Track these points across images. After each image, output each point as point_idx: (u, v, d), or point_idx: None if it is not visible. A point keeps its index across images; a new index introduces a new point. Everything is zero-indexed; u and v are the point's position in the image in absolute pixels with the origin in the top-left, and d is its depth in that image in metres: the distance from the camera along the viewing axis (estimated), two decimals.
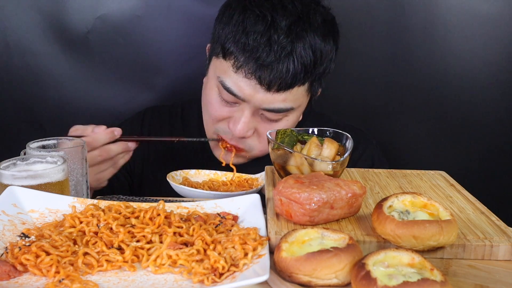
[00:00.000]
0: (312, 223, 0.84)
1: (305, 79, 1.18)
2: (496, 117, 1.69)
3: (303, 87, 1.20)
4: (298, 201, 0.82)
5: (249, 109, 1.20)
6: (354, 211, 0.88)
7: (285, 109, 1.19)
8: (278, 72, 1.13)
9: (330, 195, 0.83)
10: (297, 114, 1.26)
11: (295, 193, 0.83)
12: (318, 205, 0.82)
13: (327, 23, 1.21)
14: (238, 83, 1.17)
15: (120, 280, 0.73)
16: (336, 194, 0.84)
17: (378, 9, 1.63)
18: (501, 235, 0.83)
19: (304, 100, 1.25)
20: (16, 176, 0.91)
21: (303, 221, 0.83)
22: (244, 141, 1.25)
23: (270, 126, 1.23)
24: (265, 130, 1.22)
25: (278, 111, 1.19)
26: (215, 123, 1.27)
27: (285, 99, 1.18)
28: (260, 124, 1.23)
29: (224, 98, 1.22)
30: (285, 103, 1.18)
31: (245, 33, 1.14)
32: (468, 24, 1.62)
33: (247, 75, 1.15)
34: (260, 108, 1.19)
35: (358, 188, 0.87)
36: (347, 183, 0.87)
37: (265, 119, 1.22)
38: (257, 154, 1.29)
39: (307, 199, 0.82)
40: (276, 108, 1.18)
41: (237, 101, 1.20)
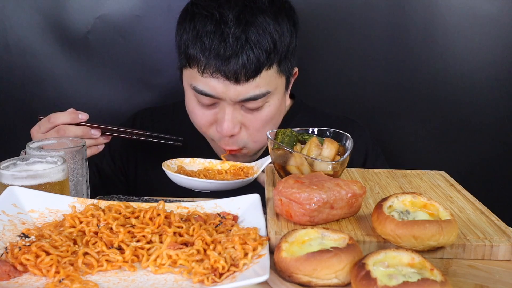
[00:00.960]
0: (312, 223, 0.84)
1: (269, 62, 1.19)
2: (496, 117, 1.69)
3: (272, 70, 1.21)
4: (298, 201, 0.82)
5: (228, 105, 1.21)
6: (354, 211, 0.88)
7: (261, 95, 1.20)
8: (240, 63, 1.15)
9: (330, 195, 0.84)
10: (278, 97, 1.26)
11: (295, 193, 0.83)
12: (318, 205, 0.82)
13: (275, 2, 1.22)
14: (208, 84, 1.19)
15: (120, 280, 0.73)
16: (336, 194, 0.84)
17: (378, 9, 1.63)
18: (501, 235, 0.83)
19: (279, 82, 1.25)
20: (16, 176, 0.91)
21: (303, 221, 0.83)
22: (236, 140, 1.26)
23: (254, 117, 1.24)
24: (251, 122, 1.24)
25: (256, 98, 1.20)
26: (206, 131, 1.29)
27: (258, 85, 1.19)
28: (244, 117, 1.24)
29: (202, 103, 1.24)
30: (259, 89, 1.19)
31: (199, 37, 1.17)
32: (468, 24, 1.62)
33: (213, 74, 1.17)
34: (238, 101, 1.20)
35: (358, 188, 0.87)
36: (347, 183, 0.87)
37: (247, 110, 1.23)
38: (254, 147, 1.30)
39: (307, 199, 0.82)
40: (252, 96, 1.19)
41: (215, 101, 1.22)
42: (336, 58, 1.68)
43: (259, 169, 1.16)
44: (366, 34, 1.65)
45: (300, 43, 1.40)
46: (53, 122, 1.15)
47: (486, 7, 1.60)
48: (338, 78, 1.70)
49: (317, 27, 1.64)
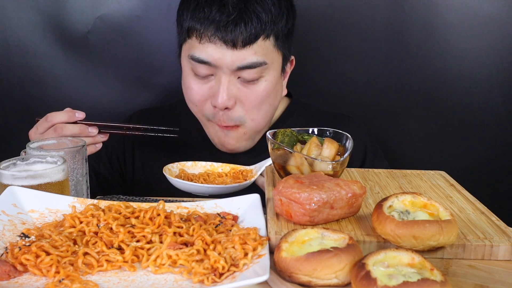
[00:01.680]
0: (312, 223, 0.84)
1: (266, 32, 1.20)
2: (496, 117, 1.69)
3: (268, 42, 1.22)
4: (298, 201, 0.82)
5: (224, 75, 1.21)
6: (354, 211, 0.88)
7: (257, 63, 1.20)
8: (238, 28, 1.17)
9: (330, 195, 0.83)
10: (274, 74, 1.26)
11: (295, 193, 0.83)
12: (318, 205, 0.82)
13: None
14: (206, 50, 1.20)
15: (120, 280, 0.73)
16: (336, 194, 0.84)
17: (378, 9, 1.63)
18: (501, 235, 0.83)
19: (275, 57, 1.25)
20: (16, 176, 0.91)
21: (303, 221, 0.83)
22: (231, 115, 1.25)
23: (250, 91, 1.23)
24: (247, 97, 1.23)
25: (252, 66, 1.20)
26: (201, 109, 1.28)
27: (255, 52, 1.20)
28: (240, 91, 1.23)
29: (198, 75, 1.24)
30: (256, 56, 1.20)
31: (199, 7, 1.20)
32: (468, 24, 1.62)
33: (210, 39, 1.19)
34: (234, 69, 1.20)
35: (358, 188, 0.87)
36: (347, 183, 0.87)
37: (243, 83, 1.23)
38: (251, 125, 1.28)
39: (307, 199, 0.82)
40: (249, 63, 1.20)
41: (211, 71, 1.22)
42: (336, 58, 1.68)
43: (257, 172, 1.16)
44: (365, 33, 1.65)
45: (300, 42, 1.40)
46: (50, 121, 1.15)
47: (486, 7, 1.60)
48: (337, 78, 1.70)
49: (317, 27, 1.64)
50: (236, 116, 1.25)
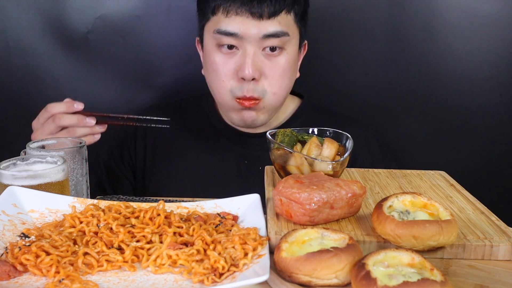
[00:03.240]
0: (312, 223, 0.84)
1: (290, 6, 1.28)
2: (496, 117, 1.69)
3: (290, 17, 1.29)
4: (298, 201, 0.82)
5: (250, 46, 1.26)
6: (354, 211, 0.88)
7: (281, 33, 1.27)
8: (264, 2, 1.24)
9: (330, 195, 0.83)
10: (293, 48, 1.32)
11: (295, 193, 0.83)
12: (318, 205, 0.82)
13: None
14: (233, 23, 1.26)
15: (120, 280, 0.73)
16: (336, 194, 0.84)
17: (378, 9, 1.63)
18: (501, 235, 0.83)
19: (295, 32, 1.32)
20: (16, 176, 0.91)
21: (303, 221, 0.83)
22: (256, 86, 1.29)
23: (273, 64, 1.29)
24: (271, 70, 1.29)
25: (277, 35, 1.26)
26: (227, 84, 1.31)
27: (280, 23, 1.27)
28: (264, 64, 1.28)
29: (224, 48, 1.29)
30: (280, 26, 1.27)
31: None
32: (468, 24, 1.62)
33: (237, 11, 1.25)
34: (260, 38, 1.25)
35: (358, 188, 0.87)
36: (347, 183, 0.87)
37: (267, 56, 1.28)
38: (272, 100, 1.32)
39: (307, 199, 0.82)
40: (274, 31, 1.26)
41: (237, 43, 1.27)
42: (335, 58, 1.68)
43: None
44: (365, 33, 1.65)
45: None
46: (49, 111, 1.18)
47: (486, 7, 1.60)
48: (337, 78, 1.70)
49: (317, 27, 1.64)
50: (261, 88, 1.30)
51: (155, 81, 1.68)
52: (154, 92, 1.68)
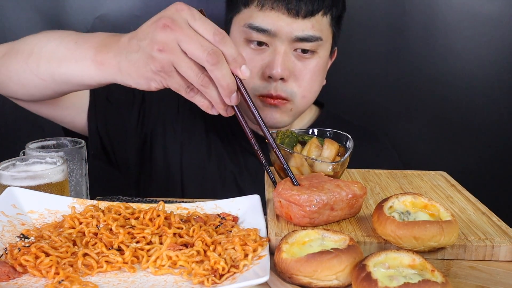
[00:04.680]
0: (313, 225, 0.84)
1: (327, 8, 1.23)
2: (497, 117, 1.69)
3: (326, 19, 1.25)
4: (298, 203, 0.82)
5: (281, 45, 1.21)
6: (355, 211, 0.88)
7: (314, 37, 1.22)
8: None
9: (330, 196, 0.83)
10: (325, 53, 1.28)
11: (295, 195, 0.83)
12: (318, 207, 0.82)
13: None
14: (266, 18, 1.20)
15: (120, 281, 0.73)
16: (337, 195, 0.84)
17: (378, 9, 1.63)
18: (502, 235, 0.83)
19: (329, 37, 1.28)
20: (16, 176, 0.91)
21: (303, 223, 0.83)
22: (284, 87, 1.24)
23: (304, 66, 1.24)
24: (301, 72, 1.24)
25: (309, 40, 1.22)
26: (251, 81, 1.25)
27: (313, 26, 1.22)
28: (295, 65, 1.24)
29: (253, 44, 1.23)
30: (314, 30, 1.22)
31: None
32: (468, 23, 1.62)
33: (273, 5, 1.19)
34: (292, 39, 1.21)
35: (358, 189, 0.87)
36: (348, 184, 0.87)
37: (298, 57, 1.24)
38: (300, 103, 1.27)
39: (307, 201, 0.82)
40: (306, 35, 1.21)
41: (268, 40, 1.22)
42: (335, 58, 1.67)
43: None
44: (365, 34, 1.65)
45: None
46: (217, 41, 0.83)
47: (486, 7, 1.60)
48: (337, 78, 1.69)
49: None
50: (289, 89, 1.25)
51: None
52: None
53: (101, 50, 0.92)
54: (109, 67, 0.90)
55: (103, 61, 0.91)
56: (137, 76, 0.87)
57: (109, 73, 0.91)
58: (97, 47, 0.93)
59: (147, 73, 0.86)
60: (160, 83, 0.87)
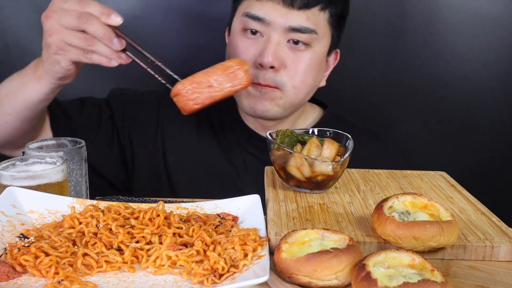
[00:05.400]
0: (202, 105, 0.99)
1: (325, 2, 1.24)
2: (497, 118, 1.69)
3: (323, 15, 1.25)
4: (180, 93, 0.99)
5: (274, 34, 1.23)
6: (241, 82, 0.99)
7: (308, 29, 1.23)
8: None
9: (203, 76, 0.97)
10: (321, 49, 1.28)
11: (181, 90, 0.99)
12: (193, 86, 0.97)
13: None
14: (262, 8, 1.23)
15: (120, 281, 0.73)
16: (210, 74, 0.97)
17: (378, 10, 1.63)
18: (501, 236, 0.83)
19: (326, 33, 1.28)
20: (15, 176, 0.91)
21: (191, 106, 0.99)
22: (274, 76, 1.24)
23: (296, 57, 1.24)
24: (293, 63, 1.24)
25: (303, 31, 1.22)
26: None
27: (308, 18, 1.23)
28: (287, 56, 1.24)
29: (249, 32, 1.25)
30: (308, 22, 1.23)
31: None
32: (469, 23, 1.62)
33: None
34: (285, 28, 1.22)
35: (234, 63, 0.99)
36: (224, 62, 1.01)
37: (291, 49, 1.24)
38: (291, 93, 1.27)
39: (183, 89, 0.99)
40: (300, 26, 1.22)
41: (263, 29, 1.24)
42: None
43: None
44: (365, 33, 1.65)
45: None
46: (82, 6, 1.00)
47: (486, 7, 1.60)
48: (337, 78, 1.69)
49: None
50: (279, 79, 1.25)
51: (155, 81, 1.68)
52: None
53: (36, 68, 1.11)
54: (43, 75, 1.10)
55: (40, 75, 1.10)
56: (53, 66, 1.06)
57: (46, 80, 1.10)
58: (33, 68, 1.13)
59: (53, 58, 1.04)
60: (65, 60, 1.04)
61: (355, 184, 1.06)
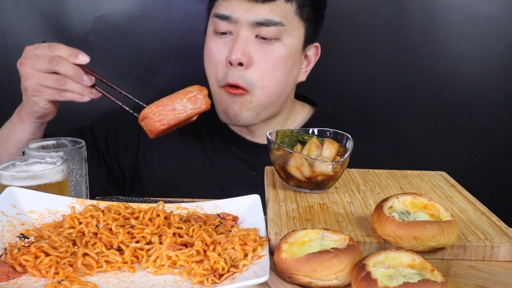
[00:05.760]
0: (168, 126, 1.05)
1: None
2: (497, 117, 1.69)
3: (290, 7, 1.25)
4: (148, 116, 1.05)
5: (242, 30, 1.23)
6: (200, 106, 1.06)
7: (274, 21, 1.22)
8: None
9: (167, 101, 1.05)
10: (292, 41, 1.27)
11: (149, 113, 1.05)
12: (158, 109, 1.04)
13: None
14: (229, 6, 1.24)
15: (120, 281, 0.73)
16: (174, 98, 1.05)
17: (378, 10, 1.63)
18: (502, 236, 0.83)
19: (296, 25, 1.27)
20: (15, 176, 0.91)
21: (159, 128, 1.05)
22: (243, 74, 1.23)
23: (265, 52, 1.24)
24: (263, 58, 1.24)
25: (268, 24, 1.22)
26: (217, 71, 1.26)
27: (273, 11, 1.23)
28: (256, 51, 1.24)
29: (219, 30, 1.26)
30: (273, 15, 1.22)
31: None
32: (469, 24, 1.62)
33: None
34: (251, 23, 1.22)
35: (194, 88, 1.06)
36: (185, 88, 1.08)
37: (260, 44, 1.24)
38: (260, 94, 1.26)
39: (150, 112, 1.06)
40: (265, 19, 1.22)
41: (232, 28, 1.24)
42: (335, 58, 1.68)
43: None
44: (365, 33, 1.65)
45: None
46: (51, 50, 1.10)
47: (486, 7, 1.60)
48: (337, 78, 1.70)
49: None
50: (249, 77, 1.24)
51: (155, 81, 1.68)
52: (154, 92, 1.67)
53: (19, 112, 1.22)
54: (25, 117, 1.20)
55: (23, 117, 1.20)
56: (32, 107, 1.16)
57: (28, 120, 1.20)
58: (17, 113, 1.24)
59: (31, 100, 1.14)
60: (42, 100, 1.13)
61: (355, 184, 1.06)
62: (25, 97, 1.16)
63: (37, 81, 1.11)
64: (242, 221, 0.90)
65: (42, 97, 1.13)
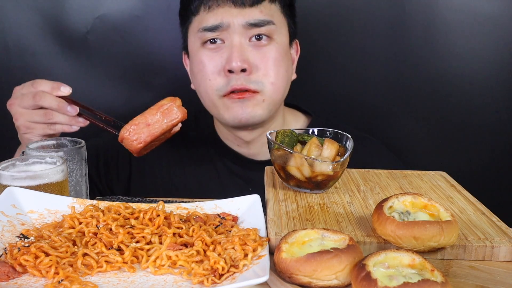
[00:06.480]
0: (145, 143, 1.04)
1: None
2: (497, 117, 1.69)
3: (275, 6, 1.27)
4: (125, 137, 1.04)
5: (235, 36, 1.23)
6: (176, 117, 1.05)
7: (265, 21, 1.24)
8: None
9: (141, 119, 1.04)
10: (283, 39, 1.28)
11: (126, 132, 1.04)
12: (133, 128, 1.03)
13: None
14: (216, 16, 1.24)
15: (120, 281, 0.73)
16: (147, 114, 1.04)
17: (378, 10, 1.63)
18: (502, 236, 0.83)
19: (282, 22, 1.29)
20: (15, 176, 0.91)
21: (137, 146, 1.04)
22: (249, 78, 1.23)
23: (263, 55, 1.24)
24: (262, 60, 1.24)
25: (260, 24, 1.23)
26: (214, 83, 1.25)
27: (262, 12, 1.24)
28: (253, 55, 1.24)
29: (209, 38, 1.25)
30: (263, 15, 1.24)
31: None
32: (468, 24, 1.62)
33: (219, 3, 1.23)
34: (244, 26, 1.22)
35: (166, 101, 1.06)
36: (157, 103, 1.07)
37: (255, 47, 1.24)
38: (271, 90, 1.26)
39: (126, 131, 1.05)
40: (257, 20, 1.23)
41: (222, 35, 1.24)
42: (336, 58, 1.68)
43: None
44: (365, 34, 1.65)
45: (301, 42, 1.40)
46: (35, 87, 1.13)
47: (486, 7, 1.60)
48: (337, 78, 1.69)
49: (317, 27, 1.64)
50: (254, 79, 1.24)
51: (155, 81, 1.68)
52: (154, 92, 1.68)
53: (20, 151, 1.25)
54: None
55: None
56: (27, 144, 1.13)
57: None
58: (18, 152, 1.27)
59: (25, 137, 1.17)
60: (35, 137, 1.15)
61: (355, 184, 1.06)
62: (19, 136, 1.19)
63: (26, 119, 1.14)
64: (242, 221, 0.90)
65: (34, 133, 1.15)
